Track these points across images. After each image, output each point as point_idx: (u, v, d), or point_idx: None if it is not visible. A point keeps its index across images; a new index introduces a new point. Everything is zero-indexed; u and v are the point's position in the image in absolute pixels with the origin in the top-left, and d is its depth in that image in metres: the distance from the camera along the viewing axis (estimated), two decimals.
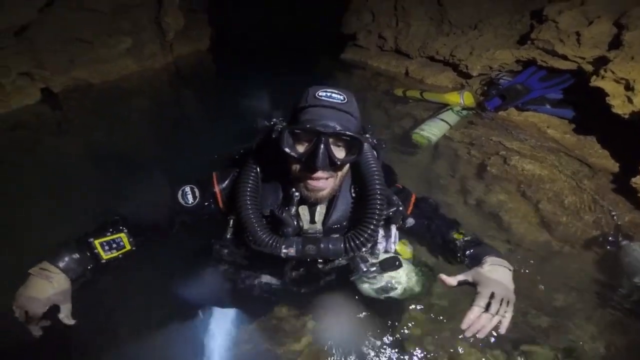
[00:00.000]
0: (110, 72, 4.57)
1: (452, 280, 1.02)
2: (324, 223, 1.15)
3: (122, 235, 1.09)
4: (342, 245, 1.09)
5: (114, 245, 1.07)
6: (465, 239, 1.18)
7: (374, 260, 1.20)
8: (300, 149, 1.01)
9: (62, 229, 1.75)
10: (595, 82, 2.42)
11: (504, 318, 0.91)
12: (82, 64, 4.26)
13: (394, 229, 1.19)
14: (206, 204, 1.19)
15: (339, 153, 1.03)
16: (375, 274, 1.21)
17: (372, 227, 1.07)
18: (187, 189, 1.18)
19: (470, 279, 1.01)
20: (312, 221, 1.15)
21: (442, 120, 2.85)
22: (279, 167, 1.14)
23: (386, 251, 1.21)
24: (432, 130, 2.74)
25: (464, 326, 0.90)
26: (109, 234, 1.07)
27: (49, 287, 0.95)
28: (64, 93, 4.15)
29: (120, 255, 1.09)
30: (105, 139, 3.29)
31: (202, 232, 1.31)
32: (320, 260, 1.17)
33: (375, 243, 1.17)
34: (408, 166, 2.65)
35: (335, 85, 1.06)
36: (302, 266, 1.23)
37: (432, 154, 2.74)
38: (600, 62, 2.57)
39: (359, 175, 1.14)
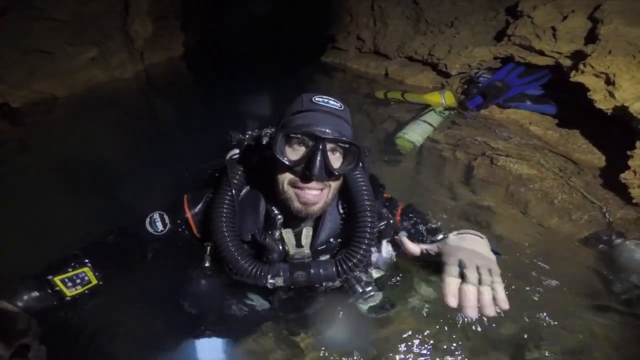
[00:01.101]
0: (76, 84, 4.30)
1: (414, 247, 0.93)
2: (311, 245, 1.05)
3: (86, 269, 0.99)
4: (333, 268, 0.99)
5: (78, 281, 0.97)
6: (442, 231, 1.11)
7: (369, 279, 1.11)
8: (294, 156, 0.93)
9: (25, 256, 1.61)
10: (575, 77, 2.40)
11: (495, 290, 0.73)
12: (44, 76, 3.98)
13: (385, 244, 1.11)
14: (179, 230, 1.09)
15: (336, 162, 0.95)
16: (372, 293, 1.11)
17: (364, 246, 0.98)
18: (156, 215, 1.08)
19: (435, 249, 0.90)
20: (299, 245, 1.04)
21: (425, 122, 2.77)
22: (257, 185, 1.05)
23: (380, 268, 1.13)
24: (416, 134, 2.67)
25: (450, 302, 0.73)
26: (70, 269, 0.97)
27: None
28: (27, 107, 3.88)
29: (86, 291, 0.99)
30: (73, 154, 3.05)
31: (179, 258, 1.20)
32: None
33: (369, 261, 1.08)
34: (393, 172, 2.56)
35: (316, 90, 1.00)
36: (291, 291, 1.14)
37: (417, 158, 2.66)
38: (578, 57, 2.56)
39: (346, 189, 1.05)
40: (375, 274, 1.13)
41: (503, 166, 2.26)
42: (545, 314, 1.48)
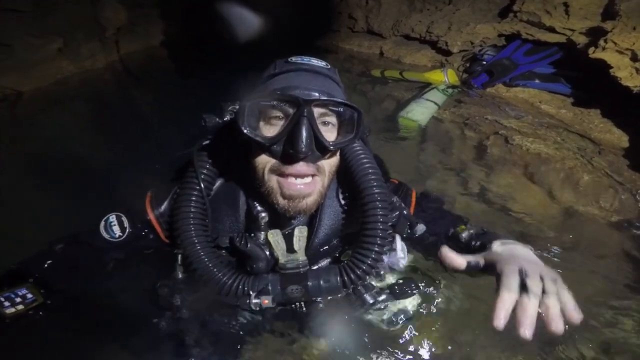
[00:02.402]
0: (41, 77, 3.94)
1: (460, 260, 0.71)
2: (307, 248, 0.84)
3: (28, 285, 0.81)
4: (337, 278, 0.80)
5: (17, 300, 0.79)
6: (470, 231, 0.90)
7: (382, 284, 0.91)
8: (270, 131, 0.71)
9: None
10: (595, 53, 2.22)
11: (564, 301, 0.58)
12: (3, 70, 3.63)
13: (399, 241, 0.90)
14: (141, 235, 0.89)
15: (329, 134, 0.72)
16: (386, 303, 0.90)
17: (376, 248, 0.78)
18: (112, 218, 0.89)
19: (482, 260, 0.71)
20: (290, 250, 0.81)
21: (429, 100, 2.55)
22: (234, 176, 0.84)
23: (391, 269, 0.93)
24: (420, 112, 2.44)
25: (498, 323, 0.57)
26: (5, 286, 0.80)
27: None
28: None
29: (30, 311, 0.81)
30: (41, 152, 2.75)
31: (149, 266, 1.01)
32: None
33: (382, 265, 0.88)
34: (395, 154, 2.32)
35: None
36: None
37: (421, 138, 2.44)
38: (595, 33, 2.39)
39: (347, 173, 0.83)
40: (388, 278, 0.94)
41: (519, 145, 2.06)
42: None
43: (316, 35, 4.87)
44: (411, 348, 1.15)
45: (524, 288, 0.60)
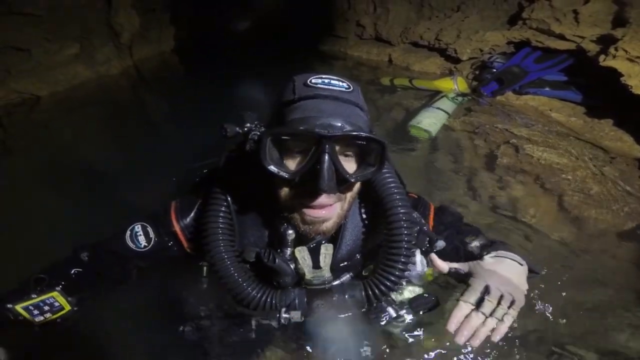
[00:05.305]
0: (58, 82, 4.02)
1: (443, 265, 0.85)
2: (331, 264, 0.86)
3: (55, 294, 0.83)
4: (362, 293, 0.83)
5: (46, 308, 0.82)
6: (482, 242, 0.95)
7: (402, 298, 0.94)
8: (292, 164, 0.70)
9: (5, 264, 1.45)
10: (606, 61, 2.22)
11: (502, 322, 0.72)
12: (21, 74, 3.70)
13: (418, 255, 0.92)
14: (167, 245, 0.91)
15: (350, 166, 0.72)
16: (407, 316, 0.94)
17: (400, 266, 0.81)
18: (138, 228, 0.91)
19: (466, 269, 0.83)
20: (316, 266, 0.84)
21: (439, 109, 2.57)
22: (260, 191, 0.84)
23: (409, 281, 0.95)
24: (431, 121, 2.46)
25: (450, 327, 0.73)
26: (35, 295, 0.81)
27: None
28: (6, 108, 3.63)
29: (58, 319, 0.84)
30: (58, 157, 2.85)
31: (172, 274, 1.05)
32: None
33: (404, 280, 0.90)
34: (406, 164, 2.34)
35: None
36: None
37: (431, 148, 2.46)
38: (606, 41, 2.39)
39: (371, 190, 0.85)
40: (408, 292, 0.97)
41: (530, 154, 2.08)
42: (582, 315, 1.32)
43: (324, 42, 4.92)
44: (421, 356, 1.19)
45: (480, 304, 0.73)
